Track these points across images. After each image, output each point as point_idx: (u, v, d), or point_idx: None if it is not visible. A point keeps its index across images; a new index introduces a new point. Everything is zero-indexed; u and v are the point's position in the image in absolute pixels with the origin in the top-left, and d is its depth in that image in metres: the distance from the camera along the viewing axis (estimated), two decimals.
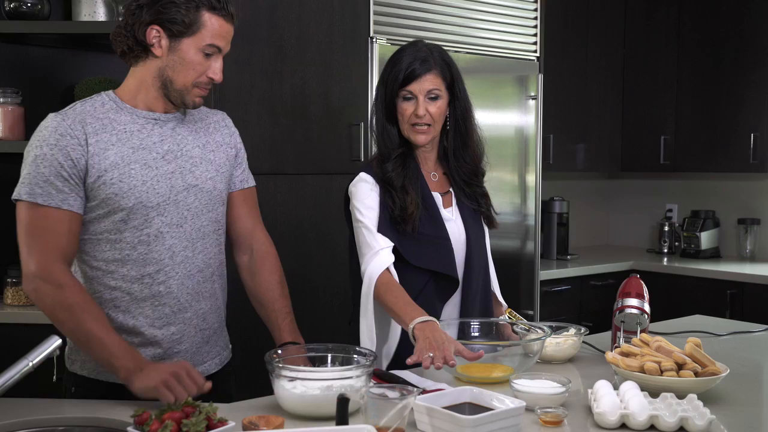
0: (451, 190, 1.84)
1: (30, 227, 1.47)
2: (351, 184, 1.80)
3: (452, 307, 1.81)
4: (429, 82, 1.72)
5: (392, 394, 1.25)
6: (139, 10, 1.48)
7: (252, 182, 1.73)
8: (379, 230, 1.73)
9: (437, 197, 1.81)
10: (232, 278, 1.73)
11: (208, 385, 1.42)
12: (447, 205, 1.83)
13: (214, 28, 1.50)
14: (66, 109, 1.52)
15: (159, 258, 1.53)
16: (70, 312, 1.45)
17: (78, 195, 1.48)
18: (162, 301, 1.54)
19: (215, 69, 1.53)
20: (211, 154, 1.62)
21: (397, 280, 1.71)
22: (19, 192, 1.47)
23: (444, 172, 1.85)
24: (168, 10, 1.46)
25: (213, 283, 1.63)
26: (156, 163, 1.52)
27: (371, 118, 1.83)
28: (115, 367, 1.43)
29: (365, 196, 1.75)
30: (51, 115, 1.50)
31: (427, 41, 1.81)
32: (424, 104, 1.72)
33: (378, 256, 1.70)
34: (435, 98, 1.73)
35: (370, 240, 1.72)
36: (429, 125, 1.74)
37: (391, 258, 1.71)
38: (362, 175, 1.78)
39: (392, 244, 1.72)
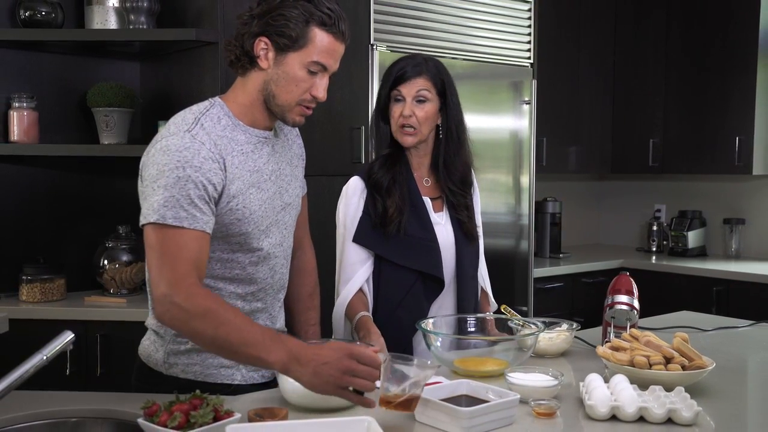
0: (442, 196, 1.87)
1: (163, 247, 1.35)
2: (345, 185, 1.87)
3: (446, 310, 1.84)
4: (418, 85, 1.77)
5: (408, 366, 1.25)
6: (250, 20, 1.43)
7: (305, 188, 1.71)
8: (361, 234, 1.79)
9: (427, 201, 1.84)
10: None
11: (378, 348, 1.47)
12: (437, 209, 1.86)
13: (322, 44, 1.42)
14: (194, 127, 1.40)
15: (263, 277, 1.52)
16: (203, 318, 1.31)
17: (213, 217, 1.41)
18: (256, 316, 1.54)
19: (319, 87, 1.45)
20: (296, 170, 1.61)
21: (368, 299, 1.80)
22: (164, 215, 1.33)
23: (436, 179, 1.87)
24: (277, 23, 1.40)
25: (284, 294, 1.65)
26: (266, 186, 1.49)
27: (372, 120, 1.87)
28: (269, 362, 1.30)
29: (351, 202, 1.82)
30: (186, 135, 1.38)
31: (426, 54, 1.86)
32: (411, 106, 1.77)
33: (349, 283, 1.78)
34: (422, 101, 1.77)
35: (347, 255, 1.81)
36: (415, 128, 1.78)
37: (362, 279, 1.79)
38: (355, 179, 1.84)
39: (365, 257, 1.79)
